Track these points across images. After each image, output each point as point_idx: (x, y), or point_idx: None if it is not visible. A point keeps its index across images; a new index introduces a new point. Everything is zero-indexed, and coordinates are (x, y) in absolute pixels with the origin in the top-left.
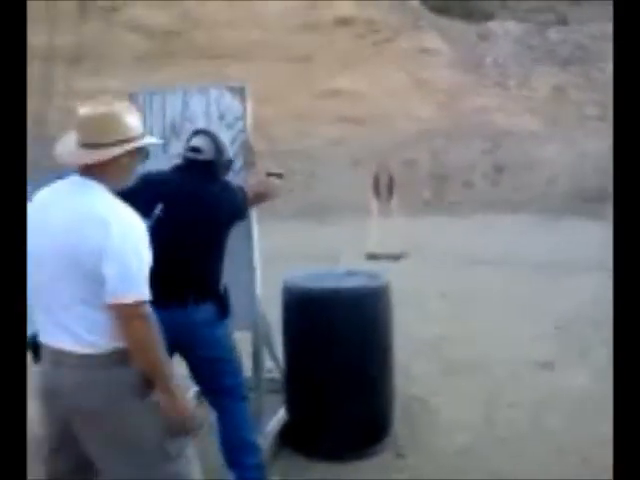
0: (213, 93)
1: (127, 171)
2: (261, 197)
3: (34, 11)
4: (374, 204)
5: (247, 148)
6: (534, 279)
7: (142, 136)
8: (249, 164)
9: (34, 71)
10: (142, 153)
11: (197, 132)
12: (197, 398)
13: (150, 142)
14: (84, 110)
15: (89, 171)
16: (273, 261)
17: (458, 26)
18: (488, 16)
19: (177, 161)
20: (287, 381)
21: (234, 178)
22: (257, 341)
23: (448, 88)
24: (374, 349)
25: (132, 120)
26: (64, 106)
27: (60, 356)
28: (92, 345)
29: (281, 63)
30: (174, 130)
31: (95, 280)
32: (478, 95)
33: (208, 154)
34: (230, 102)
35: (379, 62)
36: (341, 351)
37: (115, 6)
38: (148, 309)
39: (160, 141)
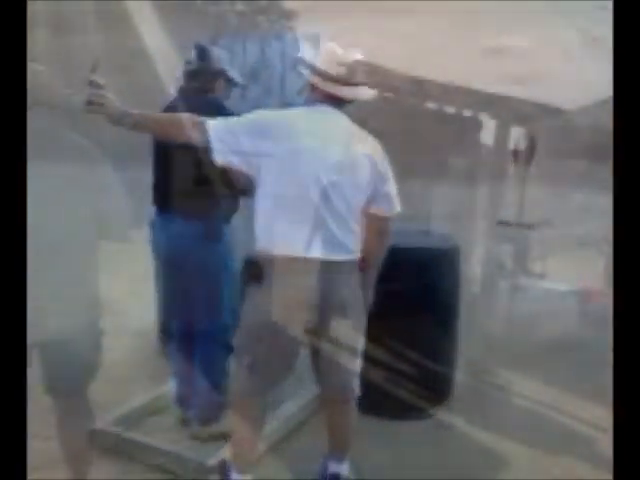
0: (288, 40)
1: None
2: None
3: None
4: (511, 169)
5: None
6: None
7: None
8: None
9: None
10: None
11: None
12: None
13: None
14: (345, 53)
15: (337, 103)
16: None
17: None
18: None
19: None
20: None
21: None
22: None
23: None
24: (435, 312)
25: None
26: None
27: (325, 265)
28: (352, 252)
29: (446, 18)
30: (254, 75)
31: (368, 197)
32: None
33: (192, 65)
34: (305, 49)
35: (549, 18)
36: (398, 312)
37: None
38: None
39: None
